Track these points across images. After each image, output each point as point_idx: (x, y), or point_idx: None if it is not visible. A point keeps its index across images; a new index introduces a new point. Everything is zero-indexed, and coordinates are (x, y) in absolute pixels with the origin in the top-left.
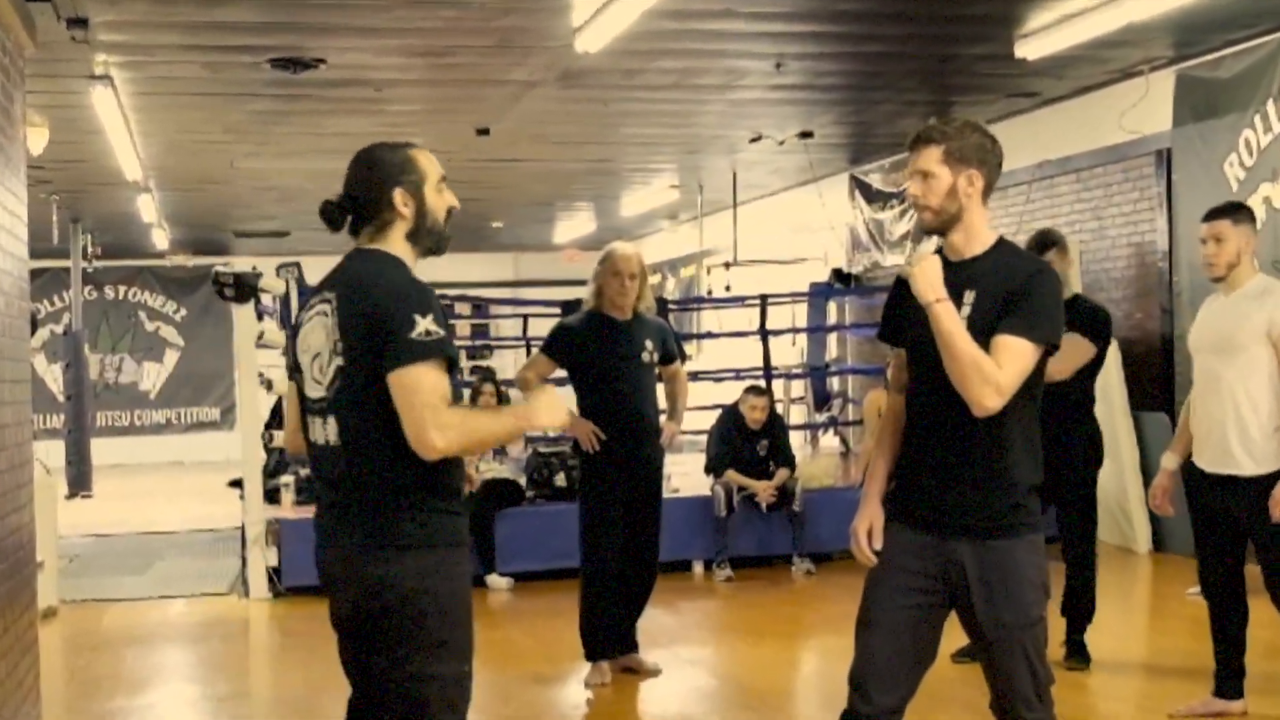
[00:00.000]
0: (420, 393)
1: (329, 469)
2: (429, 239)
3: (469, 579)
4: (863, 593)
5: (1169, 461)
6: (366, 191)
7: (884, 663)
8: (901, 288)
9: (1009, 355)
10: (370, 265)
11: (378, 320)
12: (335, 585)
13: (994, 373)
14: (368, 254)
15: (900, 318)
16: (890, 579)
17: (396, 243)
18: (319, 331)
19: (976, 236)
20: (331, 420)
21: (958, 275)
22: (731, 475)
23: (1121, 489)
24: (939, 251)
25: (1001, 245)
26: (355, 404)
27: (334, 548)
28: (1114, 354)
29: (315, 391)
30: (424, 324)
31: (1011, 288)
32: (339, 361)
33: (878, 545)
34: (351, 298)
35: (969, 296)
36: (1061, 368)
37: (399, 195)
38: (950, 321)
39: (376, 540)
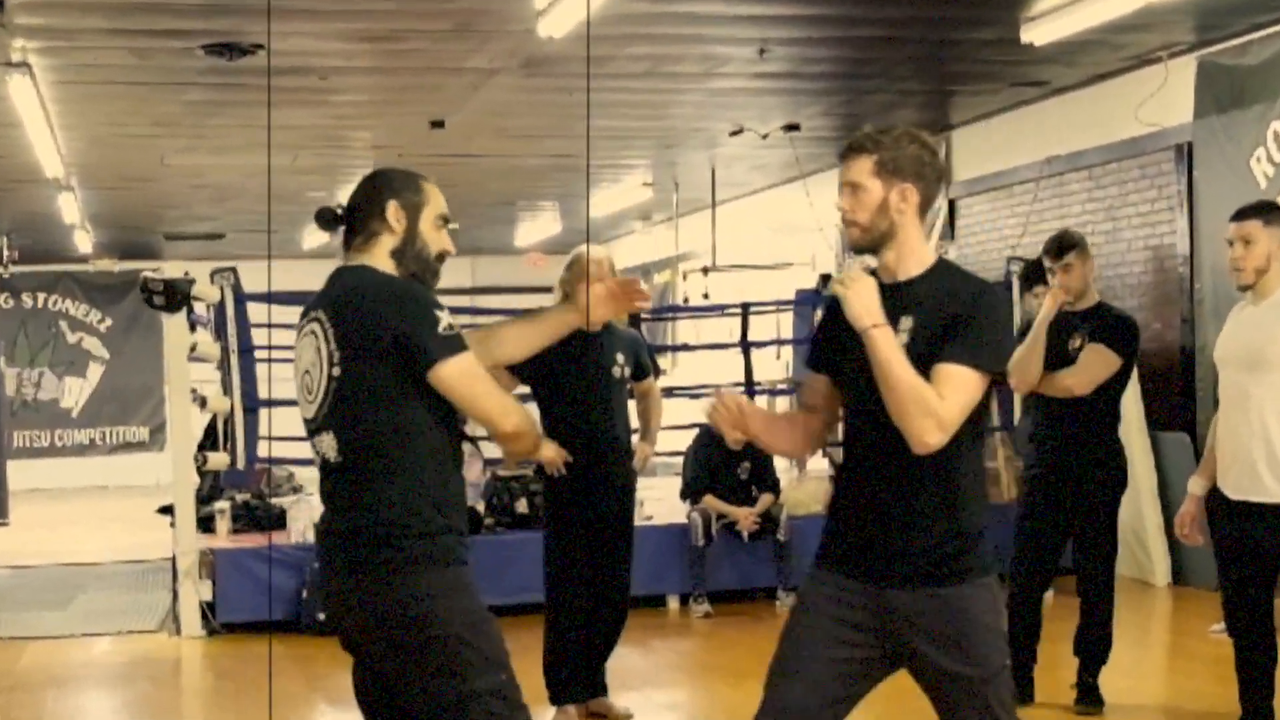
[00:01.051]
0: (480, 379)
1: (330, 488)
2: (414, 263)
3: (477, 592)
4: (780, 642)
5: (1195, 487)
6: (362, 200)
7: (798, 715)
8: (834, 310)
9: (952, 385)
10: (357, 277)
11: (391, 325)
12: (344, 616)
13: (936, 405)
14: (352, 269)
15: (833, 343)
16: (815, 628)
17: (381, 258)
18: (308, 350)
19: (912, 255)
20: (329, 436)
21: (894, 299)
22: (710, 501)
23: (1138, 516)
24: (873, 273)
25: (942, 267)
26: (355, 416)
27: (338, 577)
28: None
29: (308, 411)
30: (446, 319)
31: (953, 311)
32: (334, 372)
33: None
34: (347, 307)
35: (906, 323)
36: (1082, 380)
37: (393, 208)
38: (888, 349)
39: (381, 567)
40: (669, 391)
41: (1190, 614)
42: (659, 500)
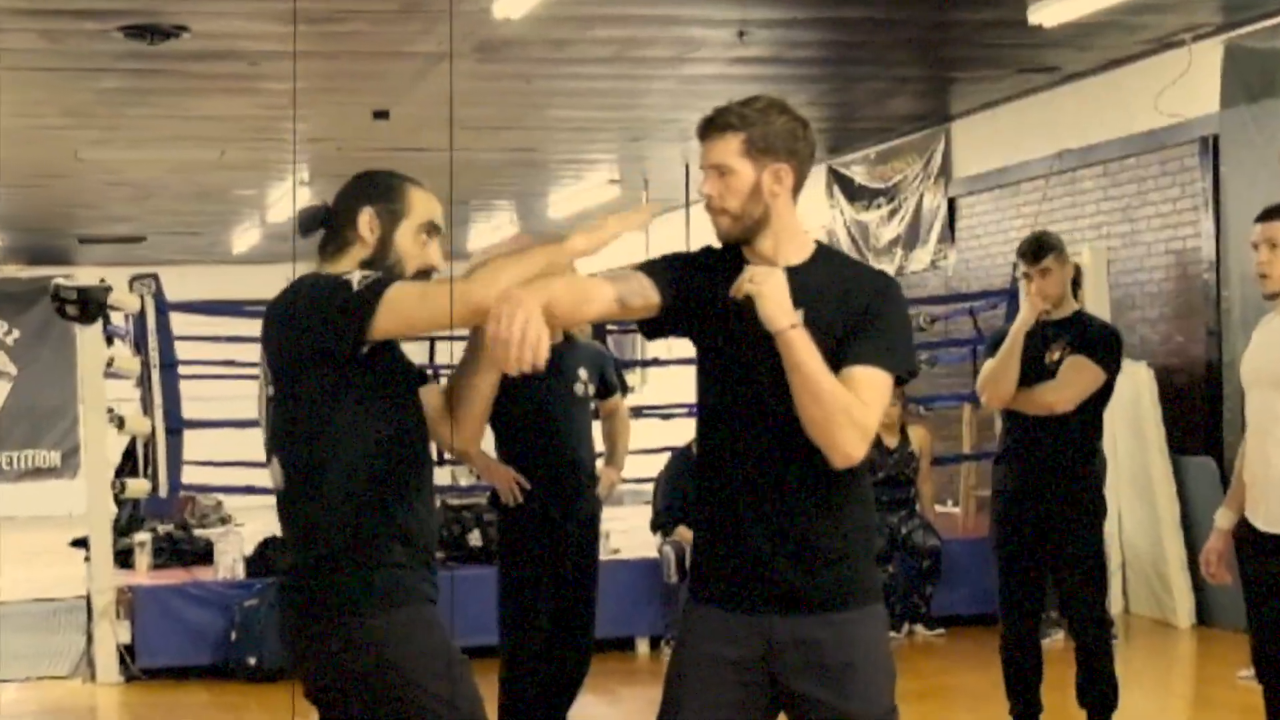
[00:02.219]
0: (414, 297)
1: (281, 519)
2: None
3: (441, 633)
4: (664, 695)
5: (1223, 520)
6: (338, 204)
7: None
8: (701, 269)
9: (872, 391)
10: (295, 283)
11: (301, 322)
12: (300, 663)
13: (861, 414)
14: (301, 277)
15: (705, 308)
16: (702, 674)
17: (349, 269)
18: (261, 372)
19: (791, 242)
20: (275, 462)
21: None
22: (684, 533)
23: (1158, 550)
24: (737, 254)
25: (827, 254)
26: (293, 437)
27: (291, 619)
28: (1149, 386)
29: (264, 434)
30: (358, 275)
31: (859, 306)
32: (269, 391)
33: None
34: (271, 316)
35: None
36: (1065, 396)
37: (366, 216)
38: (808, 353)
39: (329, 608)
40: (638, 411)
41: (1216, 658)
42: (627, 532)
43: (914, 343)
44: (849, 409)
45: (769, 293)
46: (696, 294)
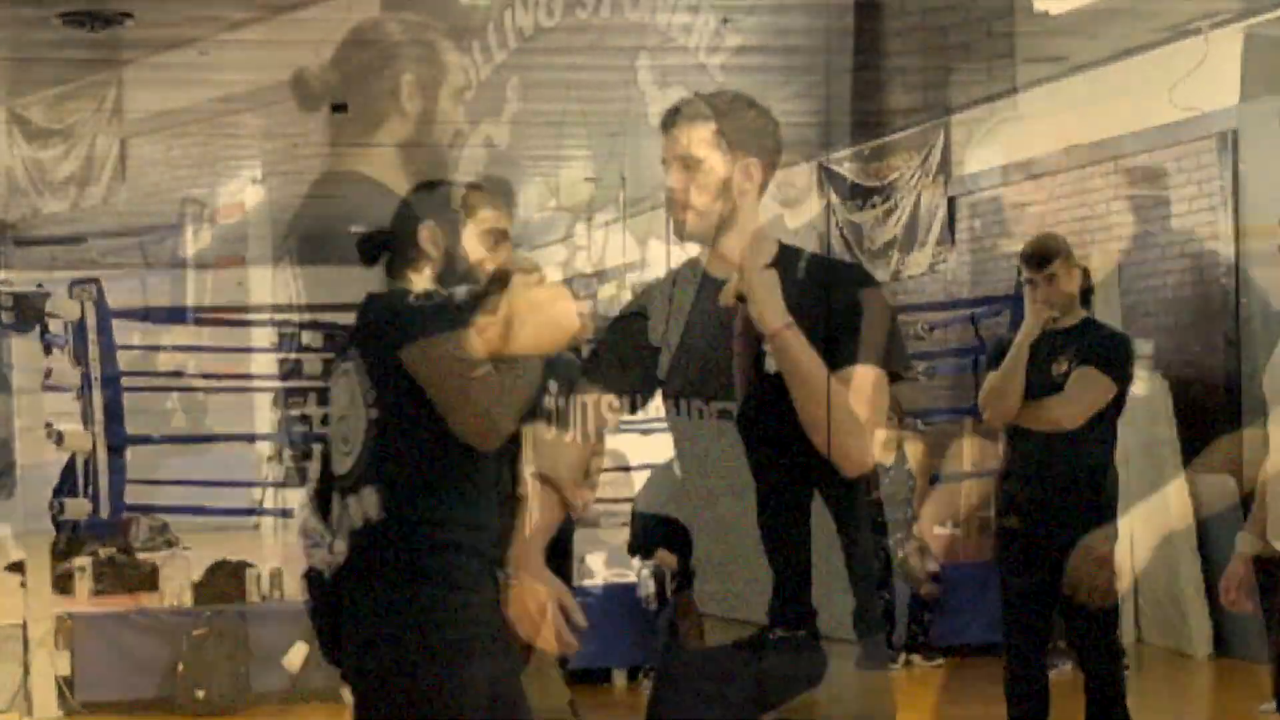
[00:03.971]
0: (445, 361)
1: (357, 554)
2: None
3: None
4: None
5: (1245, 545)
6: (398, 225)
7: None
8: (637, 322)
9: (872, 390)
10: (383, 296)
11: (393, 334)
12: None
13: (867, 415)
14: (381, 293)
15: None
16: (686, 709)
17: (422, 284)
18: (342, 392)
19: (755, 243)
20: (369, 492)
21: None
22: (664, 557)
23: (1173, 575)
24: (696, 266)
25: (792, 253)
26: (400, 466)
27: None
28: (1164, 398)
29: (343, 465)
30: (419, 288)
31: (841, 303)
32: (372, 414)
33: None
34: (370, 333)
35: None
36: (1072, 411)
37: (426, 231)
38: (805, 354)
39: (402, 626)
40: None
41: (1235, 691)
42: (602, 555)
43: (904, 336)
44: (853, 413)
45: (761, 293)
46: (654, 338)
